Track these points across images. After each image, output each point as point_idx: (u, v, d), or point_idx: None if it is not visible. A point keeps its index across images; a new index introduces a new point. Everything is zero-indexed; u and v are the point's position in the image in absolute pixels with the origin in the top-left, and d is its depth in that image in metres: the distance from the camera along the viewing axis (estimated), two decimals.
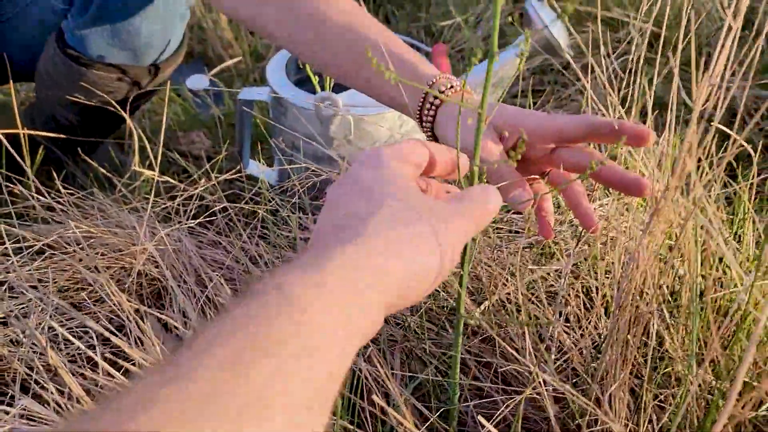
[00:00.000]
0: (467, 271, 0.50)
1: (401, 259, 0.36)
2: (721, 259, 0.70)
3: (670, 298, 0.66)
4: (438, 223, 0.38)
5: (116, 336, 0.57)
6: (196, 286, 0.71)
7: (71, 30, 0.91)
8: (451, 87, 0.60)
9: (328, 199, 0.40)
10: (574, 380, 0.66)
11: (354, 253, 0.34)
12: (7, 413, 0.55)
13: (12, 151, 0.81)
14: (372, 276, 0.34)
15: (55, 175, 0.89)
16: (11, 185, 0.84)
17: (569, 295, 0.73)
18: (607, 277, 0.73)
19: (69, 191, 0.84)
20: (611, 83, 0.78)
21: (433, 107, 0.60)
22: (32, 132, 0.94)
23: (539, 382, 0.56)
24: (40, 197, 0.79)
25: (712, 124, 0.58)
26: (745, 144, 0.62)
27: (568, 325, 0.71)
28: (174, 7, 0.91)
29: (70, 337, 0.55)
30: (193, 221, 0.81)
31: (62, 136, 1.00)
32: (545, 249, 0.82)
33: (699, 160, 0.88)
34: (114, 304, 0.64)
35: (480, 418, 0.50)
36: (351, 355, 0.33)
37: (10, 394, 0.62)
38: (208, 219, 0.84)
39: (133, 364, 0.57)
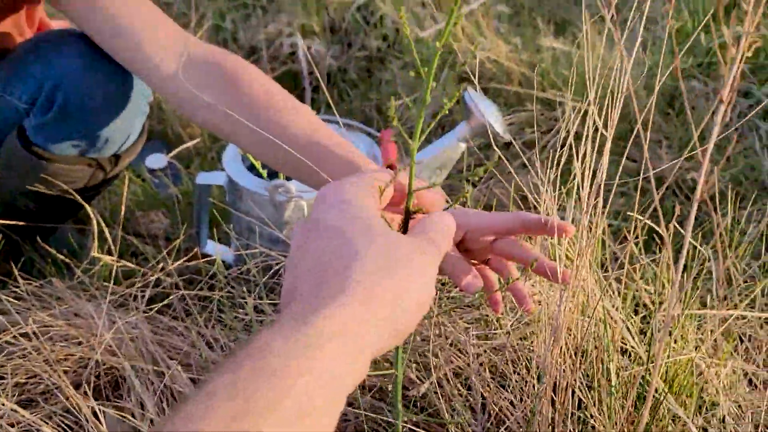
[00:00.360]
0: (402, 371, 0.54)
1: (387, 309, 0.36)
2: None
3: (585, 373, 0.72)
4: (411, 262, 0.38)
5: None
6: (154, 374, 0.73)
7: (33, 127, 0.95)
8: None
9: (295, 243, 0.40)
10: None
11: (340, 315, 0.34)
12: None
13: None
14: (361, 338, 0.34)
15: (12, 264, 0.91)
16: None
17: (509, 364, 0.78)
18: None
19: (27, 281, 0.86)
20: (549, 159, 0.85)
21: None
22: None
23: None
24: None
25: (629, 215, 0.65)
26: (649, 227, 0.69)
27: (509, 391, 0.76)
28: (135, 104, 0.96)
29: None
30: (150, 307, 0.84)
31: (21, 223, 1.03)
32: (489, 323, 0.87)
33: (625, 238, 0.96)
34: (71, 405, 0.66)
35: None
36: (340, 411, 0.33)
37: None
38: (165, 304, 0.87)
39: None
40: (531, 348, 0.78)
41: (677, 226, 0.65)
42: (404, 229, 0.49)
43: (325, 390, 0.32)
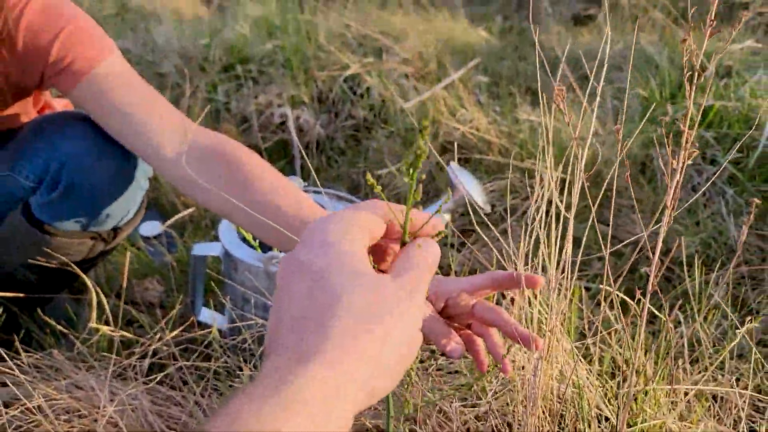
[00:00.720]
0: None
1: (366, 367, 0.35)
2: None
3: None
4: (396, 308, 0.38)
5: None
6: None
7: (38, 204, 1.00)
8: None
9: (280, 283, 0.39)
10: None
11: (314, 379, 0.34)
12: None
13: None
14: (342, 399, 0.34)
15: (14, 336, 0.94)
16: None
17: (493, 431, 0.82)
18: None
19: (28, 353, 0.90)
20: (524, 227, 0.91)
21: None
22: None
23: None
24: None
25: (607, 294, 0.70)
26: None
27: None
28: (137, 181, 1.01)
29: None
30: (149, 378, 0.87)
31: (21, 294, 1.06)
32: (473, 391, 0.91)
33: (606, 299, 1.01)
34: None
35: None
36: None
37: None
38: (163, 373, 0.91)
39: None
40: (513, 414, 0.82)
41: (641, 297, 0.71)
42: None
43: None
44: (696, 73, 0.44)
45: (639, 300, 0.62)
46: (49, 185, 0.98)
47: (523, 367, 0.86)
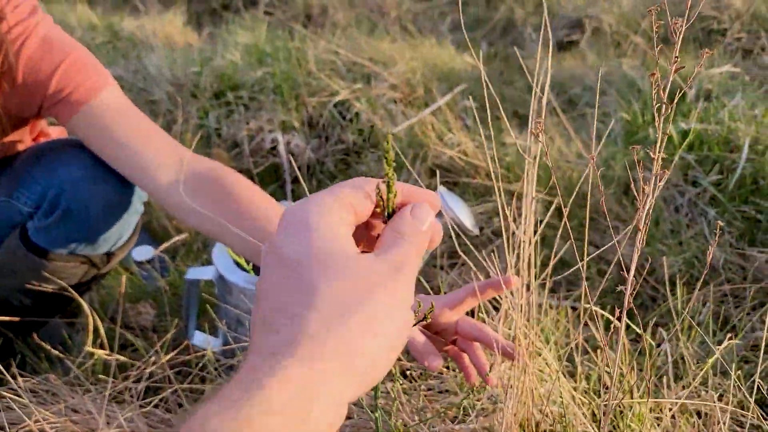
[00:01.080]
0: None
1: (351, 355, 0.33)
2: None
3: None
4: (378, 293, 0.34)
5: None
6: None
7: (35, 229, 1.02)
8: None
9: (261, 272, 0.37)
10: None
11: (294, 372, 0.31)
12: None
13: None
14: (324, 396, 0.32)
15: (12, 361, 0.95)
16: None
17: None
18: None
19: (24, 377, 0.91)
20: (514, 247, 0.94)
21: None
22: None
23: None
24: None
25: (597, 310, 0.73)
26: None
27: None
28: (132, 206, 1.04)
29: None
30: (145, 401, 0.88)
31: (16, 319, 1.07)
32: (462, 407, 0.93)
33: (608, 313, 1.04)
34: None
35: None
36: None
37: None
38: (159, 397, 0.92)
39: None
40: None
41: (627, 320, 0.73)
42: None
43: None
44: (663, 105, 0.48)
45: (619, 317, 0.65)
46: (47, 210, 1.00)
47: (511, 386, 0.88)
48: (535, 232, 0.86)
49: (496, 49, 3.18)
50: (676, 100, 0.56)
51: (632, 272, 0.52)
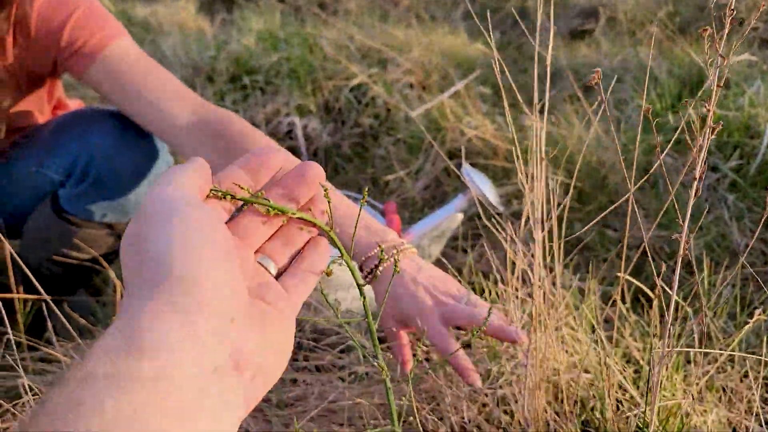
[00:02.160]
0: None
1: (185, 311, 0.30)
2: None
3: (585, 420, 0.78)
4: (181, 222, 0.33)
5: None
6: None
7: (67, 197, 1.03)
8: (399, 251, 0.75)
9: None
10: None
11: (124, 367, 0.28)
12: None
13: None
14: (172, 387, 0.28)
15: (48, 325, 0.96)
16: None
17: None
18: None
19: (60, 342, 0.91)
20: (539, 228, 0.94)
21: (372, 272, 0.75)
22: (19, 296, 1.02)
23: None
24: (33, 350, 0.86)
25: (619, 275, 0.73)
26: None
27: None
28: (159, 172, 1.04)
29: None
30: None
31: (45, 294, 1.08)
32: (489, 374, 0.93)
33: (614, 302, 1.04)
34: None
35: None
36: None
37: None
38: None
39: None
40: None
41: (663, 285, 0.73)
42: None
43: None
44: (717, 80, 0.48)
45: (653, 287, 0.65)
46: (78, 179, 1.00)
47: (535, 350, 0.88)
48: (550, 214, 0.86)
49: (509, 38, 3.17)
50: (708, 83, 0.55)
51: (687, 218, 0.52)
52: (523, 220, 0.81)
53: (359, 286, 0.45)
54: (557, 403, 0.78)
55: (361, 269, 0.76)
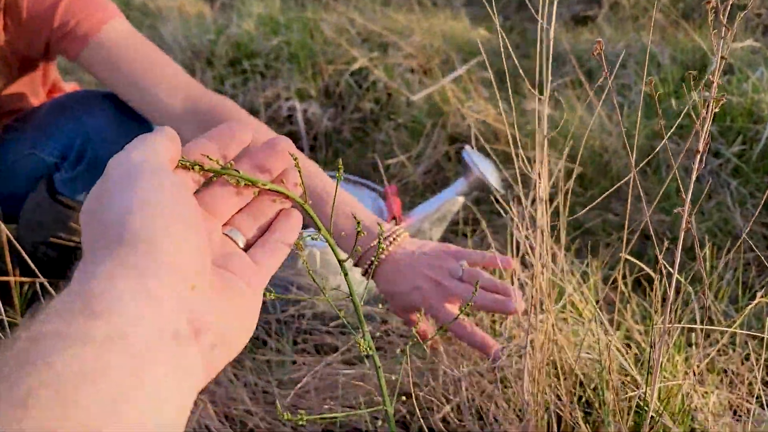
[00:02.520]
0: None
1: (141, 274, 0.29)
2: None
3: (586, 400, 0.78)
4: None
5: None
6: None
7: (62, 180, 1.02)
8: (393, 240, 0.76)
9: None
10: None
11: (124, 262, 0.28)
12: None
13: None
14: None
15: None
16: None
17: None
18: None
19: None
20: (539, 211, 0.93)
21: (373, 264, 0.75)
22: (15, 278, 1.01)
23: None
24: None
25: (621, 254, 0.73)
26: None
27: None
28: None
29: None
30: None
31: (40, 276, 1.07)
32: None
33: (614, 281, 1.03)
34: None
35: None
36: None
37: None
38: None
39: None
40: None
41: (666, 265, 0.73)
42: None
43: None
44: (724, 28, 0.47)
45: (655, 267, 0.64)
46: (73, 161, 1.00)
47: (534, 328, 0.88)
48: (553, 200, 0.85)
49: (512, 23, 3.15)
50: (711, 68, 0.54)
51: (690, 189, 0.51)
52: (526, 201, 0.80)
53: (341, 263, 0.45)
54: (559, 385, 0.77)
55: (357, 265, 0.77)
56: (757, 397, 0.85)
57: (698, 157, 0.50)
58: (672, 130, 0.68)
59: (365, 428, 0.79)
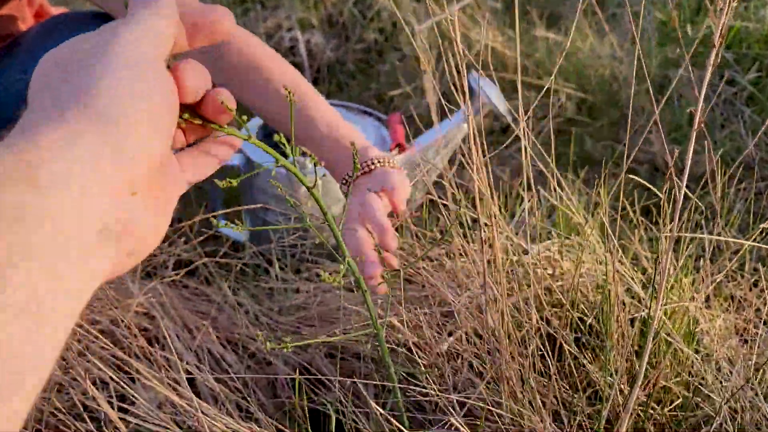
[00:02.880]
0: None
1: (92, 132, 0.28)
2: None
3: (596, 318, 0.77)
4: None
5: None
6: (188, 334, 0.78)
7: None
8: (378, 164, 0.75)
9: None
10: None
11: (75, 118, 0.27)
12: None
13: None
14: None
15: None
16: None
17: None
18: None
19: None
20: (547, 143, 0.91)
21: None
22: None
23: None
24: None
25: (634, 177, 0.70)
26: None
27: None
28: None
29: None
30: (177, 272, 0.88)
31: None
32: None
33: (624, 209, 1.01)
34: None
35: None
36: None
37: None
38: (188, 268, 0.92)
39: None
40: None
41: (675, 178, 0.71)
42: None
43: None
44: None
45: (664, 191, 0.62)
46: None
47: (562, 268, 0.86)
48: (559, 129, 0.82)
49: None
50: None
51: (702, 93, 0.49)
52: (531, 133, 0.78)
53: (308, 188, 0.47)
54: (553, 311, 0.77)
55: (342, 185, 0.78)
56: (765, 322, 0.84)
57: (714, 51, 0.47)
58: (689, 57, 0.64)
59: (363, 352, 0.79)
